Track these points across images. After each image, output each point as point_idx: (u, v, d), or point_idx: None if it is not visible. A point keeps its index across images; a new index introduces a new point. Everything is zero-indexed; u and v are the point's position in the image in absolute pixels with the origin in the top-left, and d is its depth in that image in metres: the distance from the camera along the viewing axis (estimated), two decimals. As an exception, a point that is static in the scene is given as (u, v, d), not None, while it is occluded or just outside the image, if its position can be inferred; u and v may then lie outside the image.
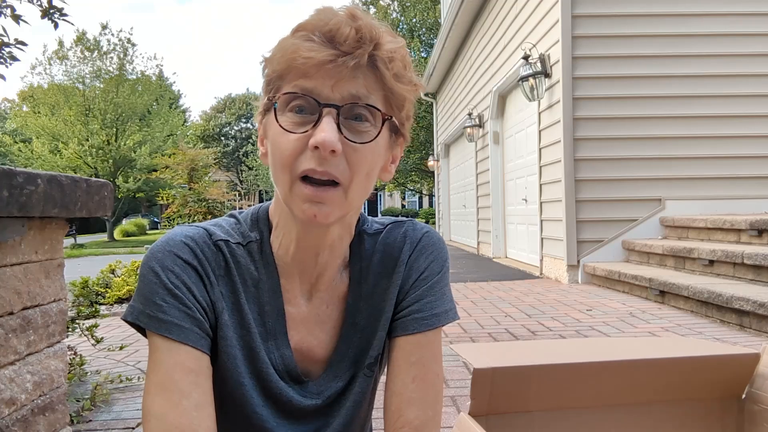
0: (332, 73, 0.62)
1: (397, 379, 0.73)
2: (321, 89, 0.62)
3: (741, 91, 5.36)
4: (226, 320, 0.69)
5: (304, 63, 0.62)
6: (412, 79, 0.68)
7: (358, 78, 0.63)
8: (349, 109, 0.63)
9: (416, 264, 0.77)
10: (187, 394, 0.63)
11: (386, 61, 0.64)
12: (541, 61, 5.75)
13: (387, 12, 22.57)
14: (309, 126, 0.63)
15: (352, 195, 0.65)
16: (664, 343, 1.02)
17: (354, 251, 0.78)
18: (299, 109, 0.63)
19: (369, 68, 0.64)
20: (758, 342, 2.96)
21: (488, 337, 3.22)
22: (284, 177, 0.65)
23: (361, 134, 0.64)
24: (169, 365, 0.64)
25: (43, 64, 25.27)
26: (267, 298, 0.72)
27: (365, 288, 0.77)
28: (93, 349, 2.81)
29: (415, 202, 39.07)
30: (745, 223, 4.12)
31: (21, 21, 2.55)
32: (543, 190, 6.06)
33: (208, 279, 0.69)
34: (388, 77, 0.64)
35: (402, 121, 0.70)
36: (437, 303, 0.76)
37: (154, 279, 0.66)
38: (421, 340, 0.74)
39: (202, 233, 0.71)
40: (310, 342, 0.75)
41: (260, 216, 0.76)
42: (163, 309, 0.65)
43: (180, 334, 0.65)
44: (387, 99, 0.66)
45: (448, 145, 13.08)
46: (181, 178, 16.85)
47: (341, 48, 0.61)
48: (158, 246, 0.68)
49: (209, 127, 41.50)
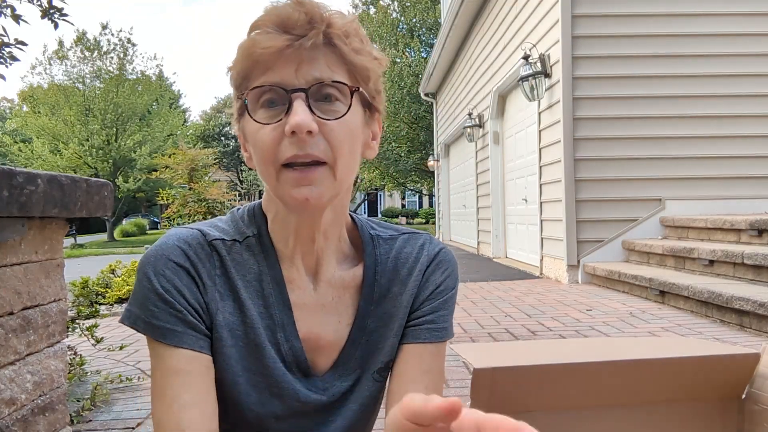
0: (292, 58, 0.63)
1: (409, 386, 0.74)
2: (285, 77, 0.64)
3: (741, 91, 5.36)
4: (220, 321, 0.69)
5: (263, 53, 0.63)
6: (371, 51, 0.69)
7: (319, 58, 0.64)
8: (316, 90, 0.64)
9: (433, 276, 0.79)
10: (177, 397, 0.64)
11: (342, 36, 0.65)
12: (541, 61, 5.75)
13: (387, 12, 22.54)
14: (282, 115, 0.64)
15: (340, 173, 0.66)
16: (664, 343, 1.02)
17: (368, 253, 0.78)
18: (270, 103, 0.65)
19: (327, 46, 0.65)
20: (758, 342, 2.96)
21: (488, 337, 3.22)
22: (269, 169, 0.65)
23: (334, 112, 0.65)
24: (163, 371, 0.66)
25: (43, 64, 25.30)
26: (271, 289, 0.73)
27: (378, 291, 0.77)
28: (93, 349, 2.81)
29: (415, 202, 39.07)
30: (745, 223, 4.12)
31: (21, 21, 2.55)
32: (543, 190, 6.06)
33: (201, 281, 0.69)
34: (348, 51, 0.65)
35: (372, 94, 0.70)
36: (448, 318, 0.79)
37: (147, 284, 0.67)
38: (432, 351, 0.76)
39: (196, 234, 0.72)
40: (318, 331, 0.75)
41: (256, 211, 0.76)
42: (155, 315, 0.66)
43: (173, 338, 0.66)
44: (351, 73, 0.67)
45: (448, 145, 13.07)
46: (181, 178, 16.85)
47: (295, 32, 0.63)
48: (152, 250, 0.69)
49: (209, 127, 41.48)
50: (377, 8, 22.96)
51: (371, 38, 0.82)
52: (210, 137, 40.09)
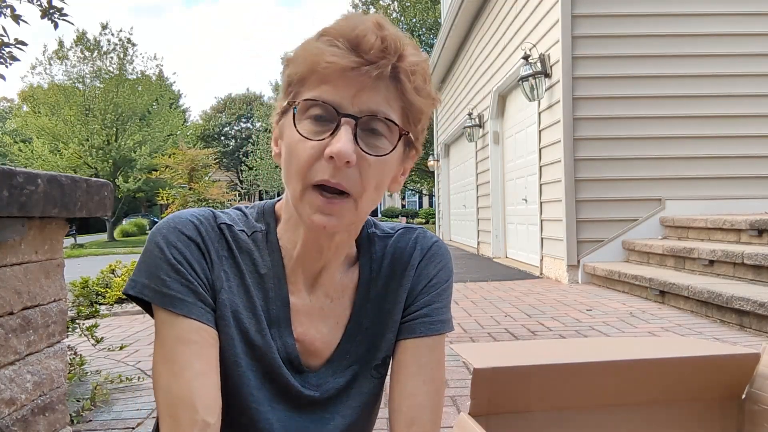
0: (354, 82, 0.62)
1: (408, 381, 0.74)
2: (341, 99, 0.62)
3: (741, 91, 5.36)
4: (224, 299, 0.70)
5: (327, 68, 0.61)
6: (430, 92, 0.68)
7: (380, 89, 0.63)
8: (367, 122, 0.63)
9: (426, 270, 0.78)
10: (189, 365, 0.64)
11: (408, 73, 0.64)
12: (541, 61, 5.75)
13: (387, 12, 22.55)
14: (326, 135, 0.63)
15: (362, 206, 0.66)
16: (664, 343, 1.02)
17: (364, 252, 0.79)
18: (317, 117, 0.63)
19: (391, 80, 0.63)
20: (758, 342, 2.96)
21: (488, 337, 3.22)
22: (297, 183, 0.65)
23: (376, 148, 0.64)
24: (172, 338, 0.66)
25: (43, 64, 25.25)
26: (271, 285, 0.73)
27: (374, 289, 0.78)
28: (93, 349, 2.81)
29: (415, 202, 39.08)
30: (745, 223, 4.12)
31: (21, 21, 2.55)
32: (543, 190, 6.06)
33: (210, 256, 0.70)
34: (409, 90, 0.64)
35: (417, 135, 0.70)
36: (443, 310, 0.78)
37: (158, 254, 0.67)
38: (429, 344, 0.76)
39: (208, 214, 0.73)
40: (312, 335, 0.75)
41: (266, 209, 0.77)
42: (166, 283, 0.66)
43: (183, 307, 0.66)
44: (405, 112, 0.66)
45: (448, 145, 13.08)
46: (181, 178, 16.86)
47: (365, 56, 0.61)
48: (164, 222, 0.70)
49: (209, 127, 41.51)
50: (377, 8, 22.97)
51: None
52: (210, 137, 40.11)
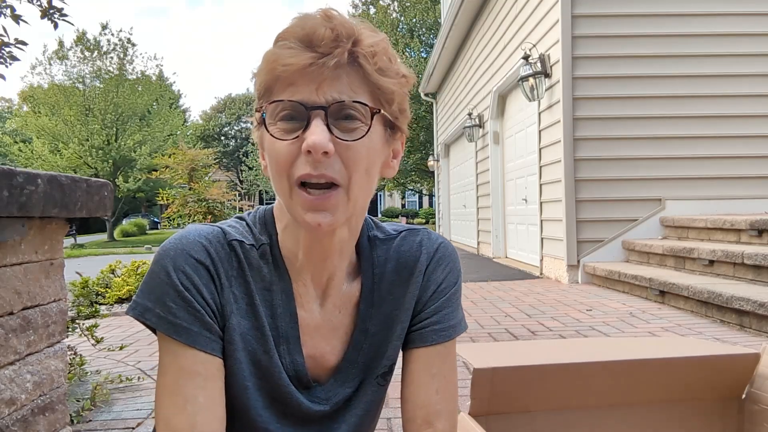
0: (315, 77, 0.62)
1: (420, 391, 0.73)
2: (306, 95, 0.62)
3: (741, 91, 5.36)
4: (234, 324, 0.68)
5: (286, 70, 0.61)
6: (398, 71, 0.67)
7: (341, 77, 0.63)
8: (337, 110, 0.63)
9: (434, 275, 0.77)
10: (192, 398, 0.63)
11: (368, 56, 0.63)
12: (541, 61, 5.75)
13: (387, 12, 22.54)
14: (300, 131, 0.62)
15: (354, 195, 0.65)
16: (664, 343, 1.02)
17: (365, 257, 0.77)
18: (288, 117, 0.63)
19: (351, 66, 0.63)
20: (758, 342, 2.96)
21: (488, 337, 3.22)
22: (282, 184, 0.64)
23: (351, 132, 0.63)
24: (176, 369, 0.64)
25: (43, 64, 25.28)
26: (279, 301, 0.71)
27: (378, 295, 0.76)
28: (93, 349, 2.81)
29: (415, 202, 39.07)
30: (745, 223, 4.12)
31: (21, 21, 2.55)
32: (543, 190, 6.06)
33: (220, 280, 0.68)
34: (372, 72, 0.64)
35: (395, 115, 0.68)
36: (453, 314, 0.77)
37: (165, 279, 0.65)
38: (441, 351, 0.75)
39: (218, 232, 0.70)
40: (323, 348, 0.74)
41: (267, 219, 0.75)
42: (172, 311, 0.64)
43: (188, 337, 0.64)
44: (374, 94, 0.65)
45: (448, 145, 13.07)
46: (181, 178, 16.86)
47: (319, 50, 0.61)
48: (172, 243, 0.67)
49: (209, 127, 41.52)
50: (377, 8, 22.96)
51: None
52: (210, 137, 40.12)
